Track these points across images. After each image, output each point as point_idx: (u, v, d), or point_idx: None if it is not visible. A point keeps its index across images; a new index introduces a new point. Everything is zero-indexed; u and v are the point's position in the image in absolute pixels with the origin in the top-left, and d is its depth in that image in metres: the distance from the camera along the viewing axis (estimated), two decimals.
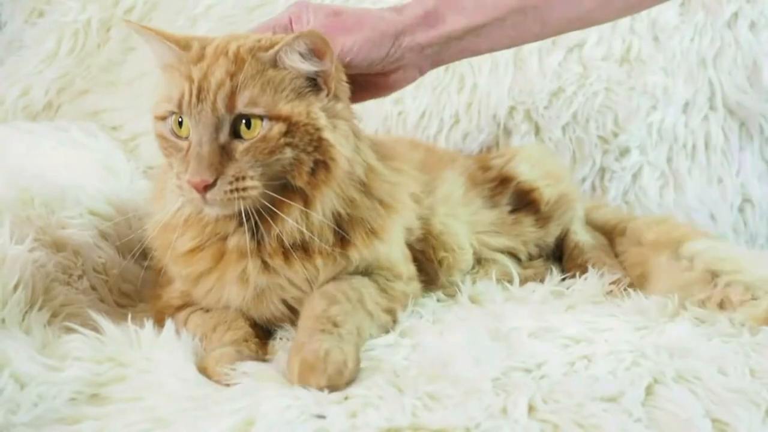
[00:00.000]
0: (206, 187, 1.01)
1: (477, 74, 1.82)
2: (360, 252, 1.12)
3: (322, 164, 1.06)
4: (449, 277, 1.31)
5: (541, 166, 1.49)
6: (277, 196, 1.05)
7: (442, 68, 1.82)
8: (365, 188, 1.13)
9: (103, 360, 0.99)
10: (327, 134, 1.06)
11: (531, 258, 1.44)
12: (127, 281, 1.33)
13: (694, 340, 1.06)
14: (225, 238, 1.11)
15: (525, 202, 1.44)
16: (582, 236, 1.49)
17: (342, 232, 1.11)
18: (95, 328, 1.06)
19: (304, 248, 1.10)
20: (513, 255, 1.41)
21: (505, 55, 1.82)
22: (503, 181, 1.45)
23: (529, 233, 1.43)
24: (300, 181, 1.06)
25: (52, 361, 0.98)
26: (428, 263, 1.30)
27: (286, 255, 1.09)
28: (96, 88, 1.93)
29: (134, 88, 1.89)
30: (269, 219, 1.06)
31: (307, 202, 1.07)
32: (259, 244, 1.09)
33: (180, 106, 1.04)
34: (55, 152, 1.61)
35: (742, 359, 1.00)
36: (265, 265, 1.10)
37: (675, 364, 0.98)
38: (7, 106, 1.88)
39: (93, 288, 1.27)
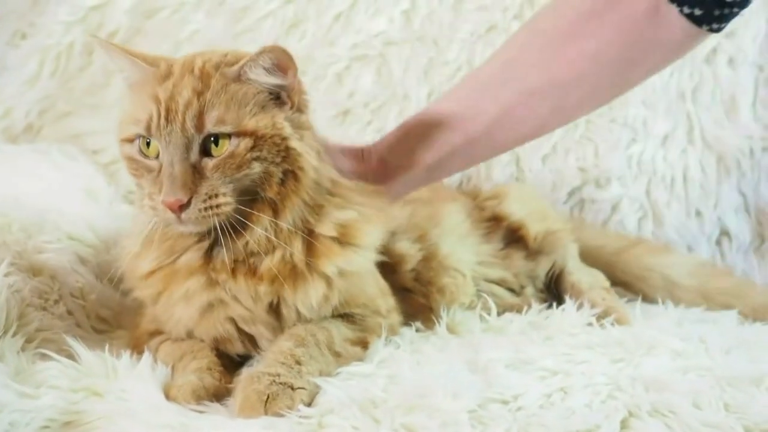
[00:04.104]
0: (181, 207, 1.02)
1: None
2: (330, 262, 1.11)
3: (290, 174, 1.08)
4: (449, 308, 1.30)
5: (528, 204, 1.53)
6: (246, 209, 1.06)
7: (424, 98, 1.85)
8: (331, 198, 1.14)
9: (78, 389, 0.99)
10: (294, 143, 1.08)
11: (522, 287, 1.47)
12: (105, 306, 1.32)
13: (669, 374, 1.07)
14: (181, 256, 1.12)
15: (514, 238, 1.48)
16: (578, 275, 1.50)
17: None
18: (71, 355, 1.05)
19: (255, 267, 1.09)
20: (507, 288, 1.44)
21: None
22: (496, 220, 1.49)
23: (519, 266, 1.46)
24: (270, 193, 1.07)
25: (25, 388, 0.97)
26: (424, 288, 1.31)
27: (233, 271, 1.09)
28: (78, 110, 1.92)
29: (117, 111, 1.88)
30: (240, 230, 1.06)
31: (276, 211, 1.08)
32: (210, 260, 1.10)
33: (149, 128, 1.05)
34: (34, 175, 1.60)
35: (718, 393, 1.00)
36: (210, 281, 1.10)
37: (650, 398, 0.98)
38: None
39: (70, 313, 1.26)
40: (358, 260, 1.14)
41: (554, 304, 1.39)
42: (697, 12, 1.12)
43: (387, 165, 1.24)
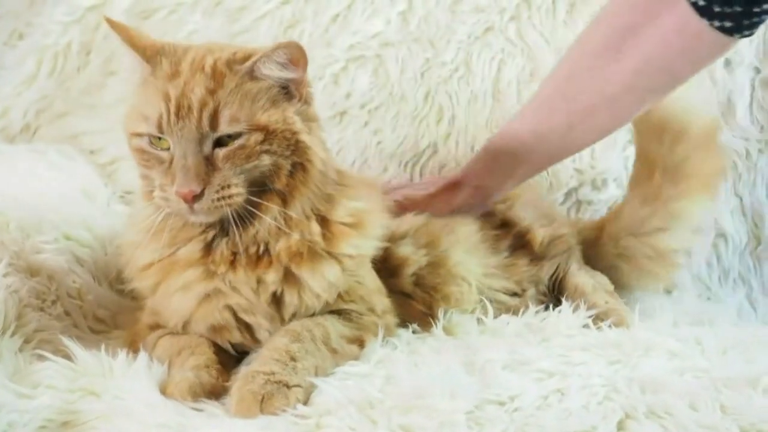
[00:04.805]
0: (194, 197, 1.04)
1: (456, 106, 1.83)
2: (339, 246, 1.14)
3: (299, 166, 1.10)
4: (454, 312, 1.31)
5: (535, 209, 1.54)
6: (256, 199, 1.08)
7: (421, 99, 1.85)
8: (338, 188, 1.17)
9: (75, 389, 0.99)
10: (304, 137, 1.10)
11: (524, 290, 1.46)
12: (102, 307, 1.32)
13: (666, 375, 1.07)
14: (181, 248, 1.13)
15: (521, 243, 1.48)
16: (581, 278, 1.50)
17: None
18: (68, 356, 1.05)
19: (257, 257, 1.11)
20: (510, 294, 1.43)
21: (484, 87, 1.83)
22: (505, 226, 1.49)
23: (523, 272, 1.46)
24: (279, 184, 1.09)
25: (23, 389, 0.97)
26: (426, 294, 1.31)
27: (232, 263, 1.11)
28: (75, 110, 1.92)
29: (114, 111, 1.87)
30: (250, 220, 1.08)
31: (285, 201, 1.10)
32: (209, 253, 1.11)
33: (159, 126, 1.05)
34: (32, 175, 1.60)
35: (714, 395, 1.00)
36: (208, 272, 1.11)
37: (647, 399, 0.99)
38: None
39: (67, 313, 1.26)
40: (367, 245, 1.18)
41: (551, 306, 1.39)
42: (728, 24, 1.15)
43: (481, 190, 1.42)
